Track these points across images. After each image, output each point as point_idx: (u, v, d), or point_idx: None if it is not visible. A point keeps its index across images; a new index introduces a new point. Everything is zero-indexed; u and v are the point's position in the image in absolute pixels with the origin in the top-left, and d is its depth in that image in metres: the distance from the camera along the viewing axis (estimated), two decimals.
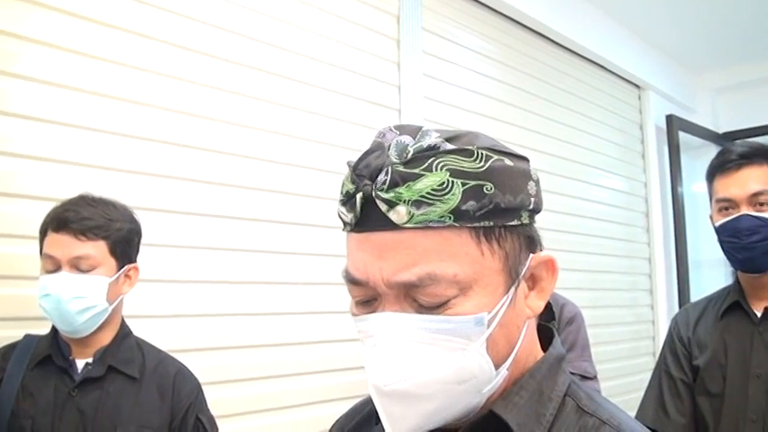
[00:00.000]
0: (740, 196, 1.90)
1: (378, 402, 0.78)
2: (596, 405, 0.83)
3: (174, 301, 2.24)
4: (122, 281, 1.78)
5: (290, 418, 2.50)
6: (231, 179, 2.40)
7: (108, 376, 1.73)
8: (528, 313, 0.82)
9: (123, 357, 1.78)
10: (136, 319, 1.98)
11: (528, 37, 3.95)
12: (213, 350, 2.33)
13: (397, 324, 0.75)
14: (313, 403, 2.58)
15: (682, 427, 2.04)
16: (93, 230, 1.68)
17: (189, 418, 1.81)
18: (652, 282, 4.86)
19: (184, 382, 1.85)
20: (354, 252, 0.79)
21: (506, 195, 0.75)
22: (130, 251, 1.80)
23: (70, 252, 1.65)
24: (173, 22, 2.28)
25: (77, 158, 2.06)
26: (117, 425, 1.68)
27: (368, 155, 0.77)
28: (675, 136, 5.00)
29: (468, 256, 0.75)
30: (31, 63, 1.99)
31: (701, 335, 2.09)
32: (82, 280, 1.66)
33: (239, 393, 2.37)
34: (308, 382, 2.58)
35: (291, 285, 2.56)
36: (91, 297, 1.67)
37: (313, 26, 2.70)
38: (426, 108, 3.14)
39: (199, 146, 2.32)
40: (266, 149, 2.51)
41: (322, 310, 2.63)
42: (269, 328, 2.48)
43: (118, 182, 2.13)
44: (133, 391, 1.75)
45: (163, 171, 2.24)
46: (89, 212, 1.69)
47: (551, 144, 4.00)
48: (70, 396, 1.68)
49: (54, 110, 2.02)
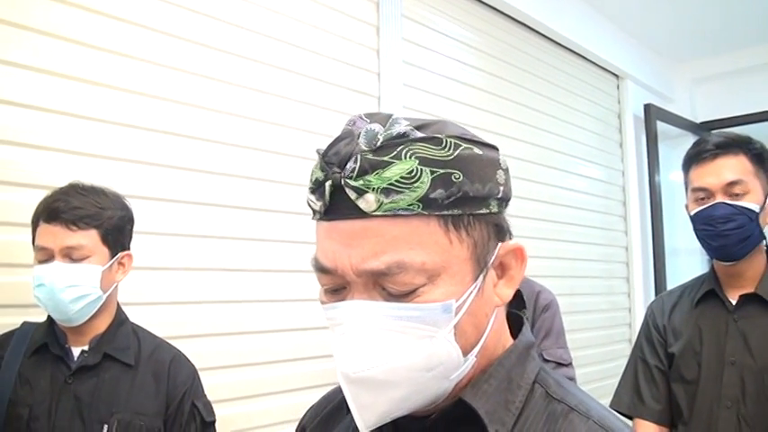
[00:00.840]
0: (715, 185, 1.92)
1: (346, 390, 0.78)
2: (565, 392, 0.83)
3: (171, 289, 2.26)
4: (116, 268, 1.78)
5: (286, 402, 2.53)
6: (219, 167, 2.40)
7: (104, 364, 1.74)
8: (496, 301, 0.82)
9: (119, 345, 1.79)
10: (133, 306, 1.99)
11: (508, 25, 3.95)
12: (210, 336, 2.34)
13: (366, 312, 0.75)
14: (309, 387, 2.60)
15: (657, 413, 2.06)
16: (84, 220, 1.67)
17: (185, 405, 1.82)
18: (629, 270, 4.90)
19: (180, 369, 1.86)
20: (323, 240, 0.79)
21: (475, 184, 0.76)
22: (123, 239, 1.80)
23: (62, 242, 1.65)
24: (154, 9, 2.26)
25: (73, 147, 2.06)
26: (113, 412, 1.69)
27: (337, 142, 0.77)
28: (653, 125, 5.03)
29: (437, 244, 0.75)
30: (28, 51, 1.98)
31: (676, 322, 2.11)
32: (75, 269, 1.66)
33: (237, 378, 2.40)
34: (305, 367, 2.61)
35: (288, 273, 2.58)
36: (84, 286, 1.67)
37: (291, 12, 2.68)
38: (406, 95, 3.14)
39: (184, 133, 2.32)
40: (250, 137, 2.50)
41: (309, 297, 2.64)
42: (266, 315, 2.51)
43: (113, 170, 2.13)
44: (129, 378, 1.76)
45: (156, 160, 2.24)
46: (80, 201, 1.69)
47: (530, 132, 4.01)
48: (66, 384, 1.69)
49: (51, 98, 2.02)
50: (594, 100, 4.75)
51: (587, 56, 4.64)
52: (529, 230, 3.78)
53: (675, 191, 5.01)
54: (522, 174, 3.77)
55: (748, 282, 1.98)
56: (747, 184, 1.90)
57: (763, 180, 1.94)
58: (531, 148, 3.98)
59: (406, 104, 3.11)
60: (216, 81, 2.42)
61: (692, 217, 1.99)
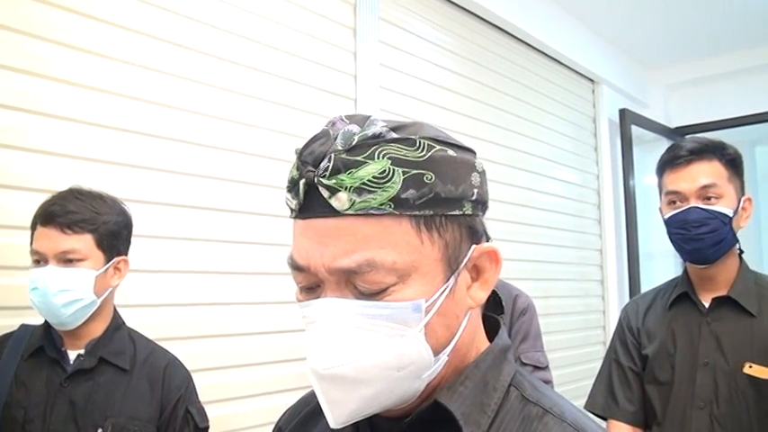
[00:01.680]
0: (689, 190, 1.94)
1: (317, 387, 0.78)
2: (540, 394, 0.84)
3: (166, 291, 2.27)
4: (111, 273, 1.78)
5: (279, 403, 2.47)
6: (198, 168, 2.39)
7: (99, 368, 1.74)
8: (470, 303, 0.83)
9: (114, 349, 1.79)
10: (127, 308, 1.98)
11: (484, 29, 3.97)
12: (204, 338, 2.35)
13: (337, 309, 0.76)
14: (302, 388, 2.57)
15: (631, 414, 2.08)
16: (79, 224, 1.68)
17: (179, 410, 1.82)
18: (603, 272, 4.94)
19: (175, 374, 1.86)
20: (298, 238, 0.80)
21: (447, 185, 0.76)
22: (119, 244, 1.79)
23: (56, 246, 1.65)
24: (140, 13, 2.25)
25: (69, 150, 2.06)
26: (108, 416, 1.70)
27: (313, 142, 0.78)
28: (628, 130, 5.08)
29: (408, 244, 0.75)
30: (26, 56, 1.98)
31: (650, 325, 2.13)
32: (68, 273, 1.66)
33: (231, 379, 2.41)
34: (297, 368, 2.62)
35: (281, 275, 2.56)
36: (77, 290, 1.67)
37: (268, 13, 2.68)
38: (382, 98, 3.14)
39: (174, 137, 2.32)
40: (225, 138, 2.49)
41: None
42: (259, 317, 2.53)
43: (109, 174, 2.13)
44: (124, 382, 1.76)
45: (143, 163, 2.24)
46: (76, 206, 1.69)
47: (505, 136, 4.02)
48: (62, 387, 1.69)
49: (48, 102, 2.02)
50: (570, 104, 4.78)
51: (563, 60, 4.67)
52: (503, 233, 3.79)
53: (650, 195, 5.03)
54: (496, 177, 3.78)
55: (721, 285, 2.01)
56: (721, 188, 1.92)
57: (736, 185, 1.96)
58: (506, 152, 3.99)
59: (382, 107, 3.11)
60: (194, 83, 2.41)
61: (665, 220, 2.01)
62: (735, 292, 1.98)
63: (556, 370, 2.59)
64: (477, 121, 3.78)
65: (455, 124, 3.54)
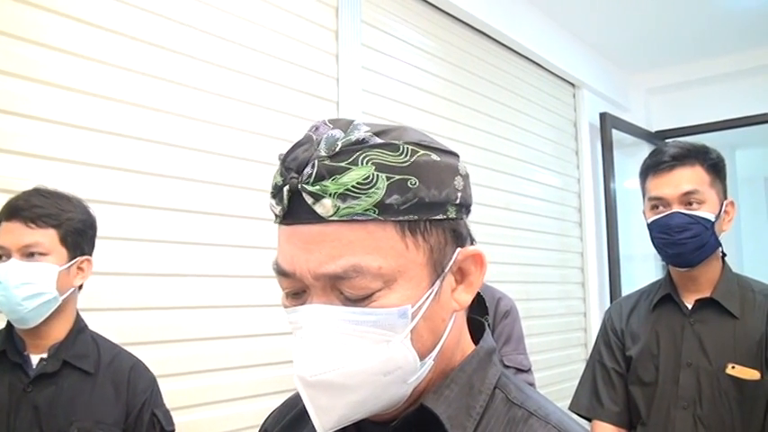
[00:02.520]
0: (672, 195, 1.96)
1: (304, 394, 0.78)
2: (525, 397, 0.84)
3: (131, 294, 2.22)
4: (74, 272, 1.76)
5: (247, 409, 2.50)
6: (175, 170, 2.37)
7: (63, 371, 1.72)
8: (455, 306, 0.83)
9: (78, 352, 1.76)
10: (92, 312, 1.95)
11: (466, 33, 3.98)
12: (170, 342, 2.31)
13: (323, 315, 0.76)
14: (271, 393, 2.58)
15: (615, 415, 2.09)
16: (43, 218, 1.67)
17: (144, 414, 1.81)
18: (584, 275, 4.96)
19: (140, 377, 1.84)
20: (283, 244, 0.80)
21: (431, 190, 0.76)
22: (83, 243, 1.78)
23: (20, 239, 1.65)
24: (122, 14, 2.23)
25: (35, 150, 2.03)
26: (72, 420, 1.67)
27: (296, 148, 0.78)
28: (609, 133, 5.11)
29: (393, 249, 0.75)
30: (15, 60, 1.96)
31: (633, 326, 2.15)
32: (30, 267, 1.65)
33: (197, 385, 2.37)
34: (265, 373, 2.59)
35: (246, 278, 2.56)
36: (39, 284, 1.65)
37: (250, 15, 2.67)
38: (365, 101, 3.14)
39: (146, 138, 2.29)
40: (207, 140, 2.47)
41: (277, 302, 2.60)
42: (226, 320, 2.48)
43: (72, 175, 2.10)
44: (88, 386, 1.74)
45: (109, 163, 2.20)
46: (40, 201, 1.69)
47: (487, 139, 4.03)
48: (25, 392, 1.66)
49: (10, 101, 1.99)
50: (551, 108, 4.80)
51: (544, 65, 4.69)
52: (484, 236, 3.79)
53: (630, 198, 5.09)
54: (477, 180, 3.78)
55: (704, 286, 2.03)
56: (703, 194, 1.94)
57: (718, 189, 1.98)
58: (487, 155, 4.00)
59: (365, 110, 3.11)
60: (173, 84, 2.39)
61: (648, 225, 2.03)
62: (717, 294, 2.00)
63: (537, 372, 2.60)
64: (459, 124, 3.79)
65: (437, 127, 3.54)
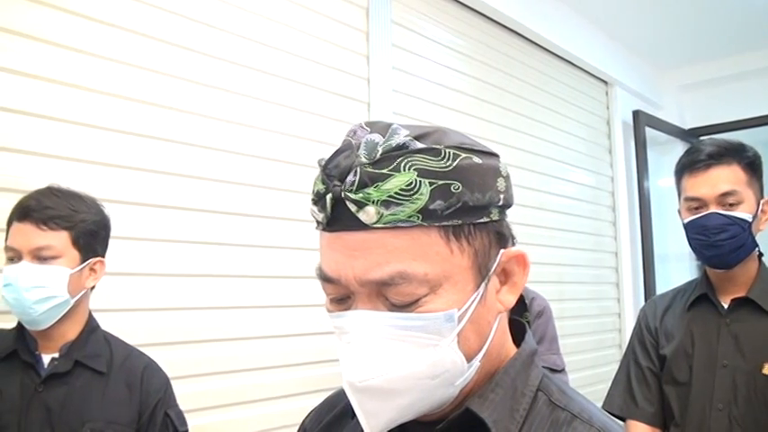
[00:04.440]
0: (709, 196, 1.93)
1: (352, 398, 0.79)
2: (568, 399, 0.84)
3: (146, 295, 2.22)
4: (86, 274, 1.74)
5: (259, 412, 2.49)
6: (199, 171, 2.38)
7: (75, 371, 1.70)
8: (499, 308, 0.83)
9: (90, 352, 1.75)
10: (105, 312, 1.95)
11: (497, 32, 3.96)
12: (182, 344, 2.30)
13: (369, 322, 0.76)
14: (288, 396, 2.57)
15: (649, 414, 2.07)
16: (55, 220, 1.64)
17: (157, 414, 1.79)
18: (618, 275, 4.91)
19: (153, 377, 1.83)
20: (327, 251, 0.80)
21: (474, 193, 0.76)
22: (95, 244, 1.76)
23: (31, 242, 1.62)
24: (143, 14, 2.25)
25: (51, 150, 2.03)
26: (85, 420, 1.65)
27: (337, 155, 0.77)
28: (642, 131, 5.06)
29: (438, 254, 0.75)
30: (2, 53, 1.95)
31: (668, 325, 2.12)
32: (42, 270, 1.63)
33: (209, 387, 2.35)
34: (282, 375, 2.58)
35: (261, 279, 2.55)
36: (50, 287, 1.63)
37: (282, 18, 2.68)
38: (395, 101, 3.14)
39: (167, 137, 2.29)
40: (235, 142, 2.48)
41: (292, 303, 2.63)
42: (242, 322, 2.47)
43: (88, 174, 2.09)
44: (101, 386, 1.72)
45: (133, 164, 2.21)
46: (53, 202, 1.66)
47: (519, 139, 4.01)
48: (36, 392, 1.65)
49: (28, 101, 1.99)
50: (583, 106, 4.76)
51: (576, 62, 4.66)
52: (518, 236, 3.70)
53: (664, 196, 5.03)
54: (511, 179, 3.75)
55: (740, 286, 2.00)
56: (740, 194, 1.91)
57: (755, 188, 1.95)
58: (520, 154, 3.98)
59: (395, 110, 3.11)
60: (204, 86, 2.41)
61: (685, 225, 2.00)
62: (754, 294, 1.97)
63: (571, 374, 2.58)
64: (490, 123, 3.77)
65: (468, 127, 3.53)
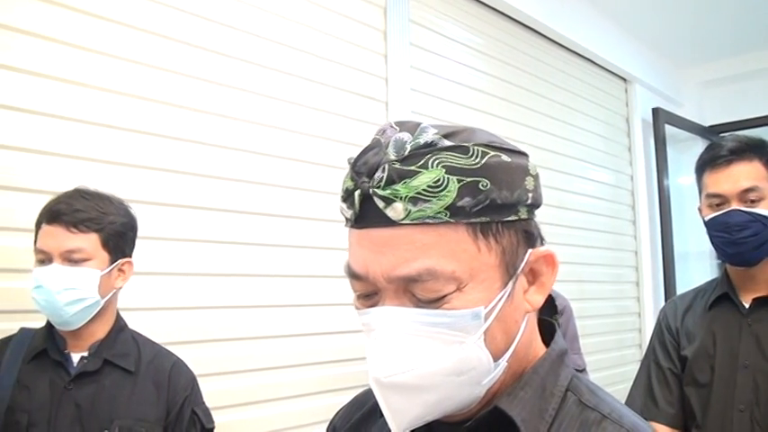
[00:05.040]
0: (731, 192, 1.90)
1: (378, 394, 0.79)
2: (598, 399, 0.84)
3: (171, 294, 2.24)
4: (115, 275, 1.76)
5: (286, 409, 2.51)
6: (220, 171, 2.39)
7: (104, 370, 1.73)
8: (527, 308, 0.83)
9: (119, 351, 1.77)
10: (131, 311, 1.97)
11: (515, 29, 3.95)
12: (210, 342, 2.33)
13: (396, 318, 0.77)
14: (309, 394, 2.58)
15: (670, 416, 2.05)
16: (85, 223, 1.66)
17: (185, 412, 1.81)
18: (638, 274, 4.88)
19: (180, 376, 1.85)
20: (355, 247, 0.80)
21: (503, 191, 0.76)
22: (124, 245, 1.78)
23: (62, 244, 1.64)
24: (163, 15, 2.27)
25: (74, 151, 2.06)
26: (113, 418, 1.68)
27: (366, 152, 0.78)
28: (662, 129, 5.02)
29: (465, 252, 0.75)
30: (27, 55, 1.97)
31: (689, 325, 2.10)
32: (73, 272, 1.64)
33: (236, 385, 2.38)
34: (304, 374, 2.59)
35: (287, 278, 2.56)
36: (81, 289, 1.65)
37: (299, 17, 2.68)
38: (414, 100, 3.13)
39: (188, 138, 2.31)
40: (254, 142, 2.49)
41: (317, 302, 2.64)
42: (265, 320, 2.49)
43: (113, 175, 2.12)
44: (129, 384, 1.75)
45: (157, 164, 2.23)
46: (82, 205, 1.68)
47: (538, 137, 4.00)
48: (66, 390, 1.67)
49: (52, 103, 2.02)
50: (603, 104, 4.74)
51: (595, 60, 4.64)
52: None
53: (684, 195, 5.00)
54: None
55: (761, 285, 1.98)
56: (762, 190, 1.89)
57: None
58: (539, 153, 3.96)
59: (414, 109, 3.10)
60: (223, 86, 2.42)
61: (706, 222, 1.98)
62: None
63: (591, 374, 2.57)
64: (509, 122, 3.76)
65: (486, 126, 3.49)
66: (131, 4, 2.20)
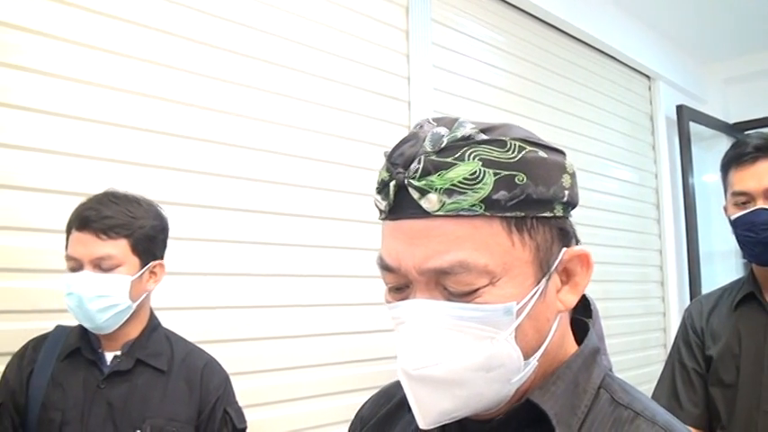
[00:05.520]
0: (756, 190, 1.88)
1: (407, 387, 0.79)
2: (631, 397, 0.83)
3: (203, 293, 2.27)
4: (147, 278, 1.77)
5: (308, 409, 2.52)
6: (246, 172, 2.41)
7: (136, 369, 1.74)
8: (559, 307, 0.82)
9: (152, 350, 1.78)
10: (165, 311, 1.99)
11: (537, 28, 3.93)
12: (241, 341, 2.36)
13: (427, 310, 0.76)
14: (332, 394, 2.60)
15: (695, 417, 2.03)
16: (115, 229, 1.66)
17: (217, 411, 1.82)
18: (663, 273, 4.84)
19: (212, 375, 1.86)
20: (388, 239, 0.80)
21: (539, 186, 0.75)
22: (155, 248, 1.78)
23: (92, 252, 1.64)
24: (184, 16, 2.28)
25: (109, 154, 2.10)
26: (146, 417, 1.69)
27: (403, 144, 0.78)
28: (686, 126, 4.97)
29: (499, 246, 0.75)
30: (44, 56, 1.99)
31: (714, 325, 2.07)
32: (104, 279, 1.65)
33: (267, 383, 2.40)
34: (327, 373, 2.61)
35: (313, 278, 2.58)
36: (113, 296, 1.66)
37: (322, 17, 2.69)
38: (436, 99, 3.13)
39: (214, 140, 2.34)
40: (279, 142, 2.51)
41: (341, 302, 2.66)
42: (291, 320, 2.51)
43: (146, 177, 2.16)
44: (161, 383, 1.76)
45: (185, 166, 2.26)
46: (111, 211, 1.67)
47: (561, 135, 3.98)
48: (99, 388, 1.68)
49: (86, 107, 2.06)
50: (626, 101, 4.71)
51: (618, 57, 4.61)
52: None
53: (709, 193, 4.95)
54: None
55: None
56: None
57: None
58: None
59: (436, 108, 3.10)
60: (249, 88, 2.44)
61: (732, 221, 1.96)
62: None
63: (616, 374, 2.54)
64: (532, 120, 3.74)
65: None
66: (153, 6, 2.22)
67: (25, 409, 1.66)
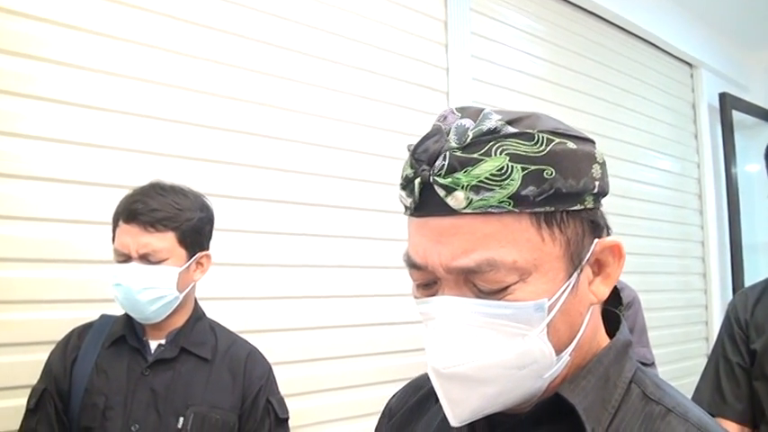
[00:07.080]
0: None
1: (437, 385, 0.78)
2: (662, 393, 0.81)
3: (244, 284, 2.30)
4: (194, 268, 1.78)
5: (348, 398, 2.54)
6: (290, 164, 2.44)
7: (180, 357, 1.76)
8: (592, 299, 0.80)
9: (196, 339, 1.80)
10: (208, 301, 2.00)
11: (577, 15, 3.89)
12: (274, 332, 2.38)
13: (456, 308, 0.74)
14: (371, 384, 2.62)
15: (739, 412, 1.99)
16: (162, 222, 1.67)
17: (260, 401, 1.83)
18: (705, 265, 4.77)
19: (256, 365, 1.87)
20: (414, 236, 0.78)
21: (568, 180, 0.73)
22: (201, 239, 1.79)
23: (139, 244, 1.65)
24: (239, 15, 2.32)
25: (156, 148, 2.14)
26: (188, 405, 1.70)
27: (426, 139, 0.75)
28: (729, 115, 4.89)
29: (529, 242, 0.73)
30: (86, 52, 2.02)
31: (759, 318, 2.03)
32: (151, 271, 1.66)
33: (299, 374, 2.42)
34: (367, 363, 2.63)
35: (353, 269, 2.60)
36: (161, 287, 1.68)
37: (360, 8, 2.70)
38: (475, 90, 3.11)
39: (259, 132, 2.38)
40: (320, 134, 2.53)
41: (380, 293, 2.67)
42: (332, 310, 2.54)
43: (193, 169, 2.19)
44: (205, 372, 1.77)
45: (232, 159, 2.30)
46: (158, 203, 1.68)
47: (602, 124, 3.93)
48: (143, 375, 1.71)
49: (135, 102, 2.10)
50: (668, 90, 4.64)
51: (659, 44, 4.54)
52: None
53: (752, 183, 4.87)
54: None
55: None
56: None
57: None
58: (603, 141, 3.88)
59: (475, 99, 3.08)
60: (291, 81, 2.46)
61: None
62: None
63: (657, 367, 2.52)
64: (572, 109, 3.71)
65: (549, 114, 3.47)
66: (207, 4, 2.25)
67: (68, 394, 1.69)
